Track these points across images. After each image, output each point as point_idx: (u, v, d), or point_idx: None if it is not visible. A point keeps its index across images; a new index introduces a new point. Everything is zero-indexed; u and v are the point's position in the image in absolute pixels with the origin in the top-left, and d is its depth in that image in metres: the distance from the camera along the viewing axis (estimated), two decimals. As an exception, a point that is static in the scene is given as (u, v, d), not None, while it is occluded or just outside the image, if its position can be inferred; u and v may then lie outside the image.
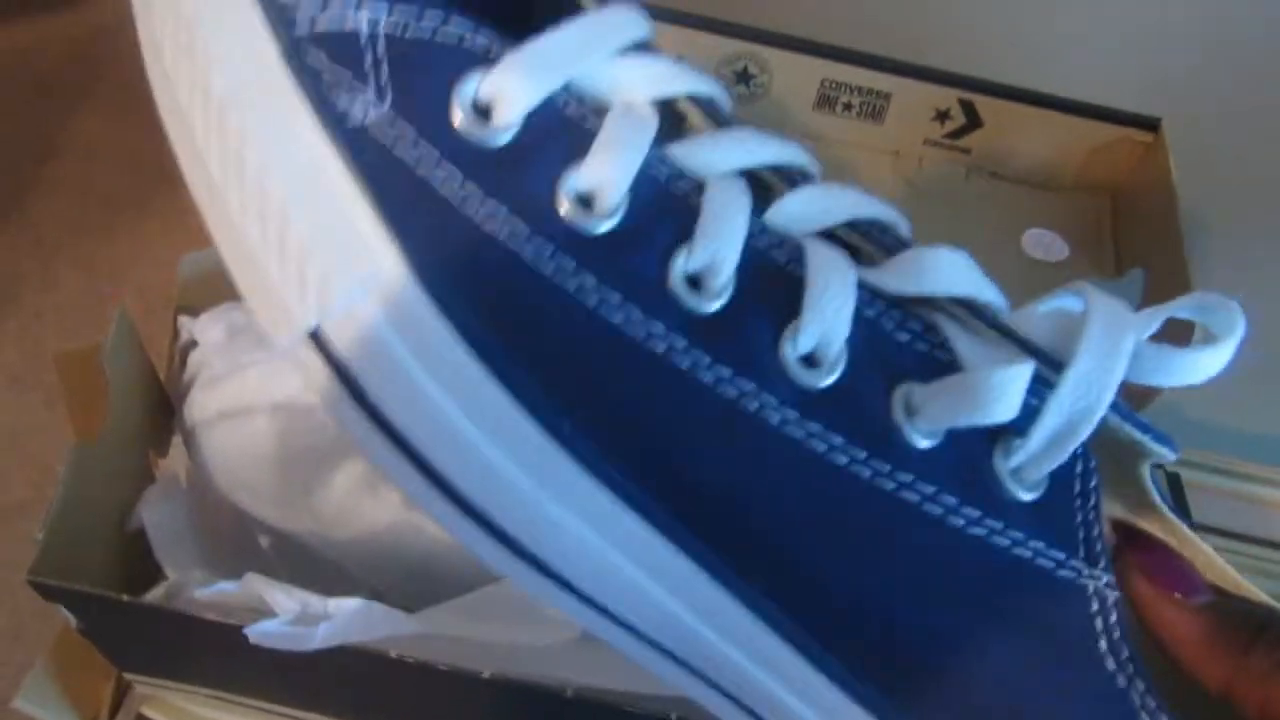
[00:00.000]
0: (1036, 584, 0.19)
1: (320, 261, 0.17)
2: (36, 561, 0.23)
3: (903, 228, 0.20)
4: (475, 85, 0.18)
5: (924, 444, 0.19)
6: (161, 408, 0.30)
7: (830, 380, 0.18)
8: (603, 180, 0.18)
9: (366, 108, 0.17)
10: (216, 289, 0.31)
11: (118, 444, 0.27)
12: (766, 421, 0.18)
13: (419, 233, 0.17)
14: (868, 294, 0.19)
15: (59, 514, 0.24)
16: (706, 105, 0.21)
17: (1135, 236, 0.36)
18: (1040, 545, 0.19)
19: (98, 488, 0.26)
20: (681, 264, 0.18)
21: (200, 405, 0.29)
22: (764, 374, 0.18)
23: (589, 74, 0.19)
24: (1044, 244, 0.36)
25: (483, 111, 0.18)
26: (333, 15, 0.17)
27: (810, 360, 0.18)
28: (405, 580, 0.30)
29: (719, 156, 0.19)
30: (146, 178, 0.78)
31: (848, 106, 0.36)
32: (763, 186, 0.20)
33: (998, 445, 0.19)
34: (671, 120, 0.21)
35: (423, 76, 0.18)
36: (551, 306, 0.18)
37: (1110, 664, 0.19)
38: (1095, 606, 0.19)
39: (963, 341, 0.19)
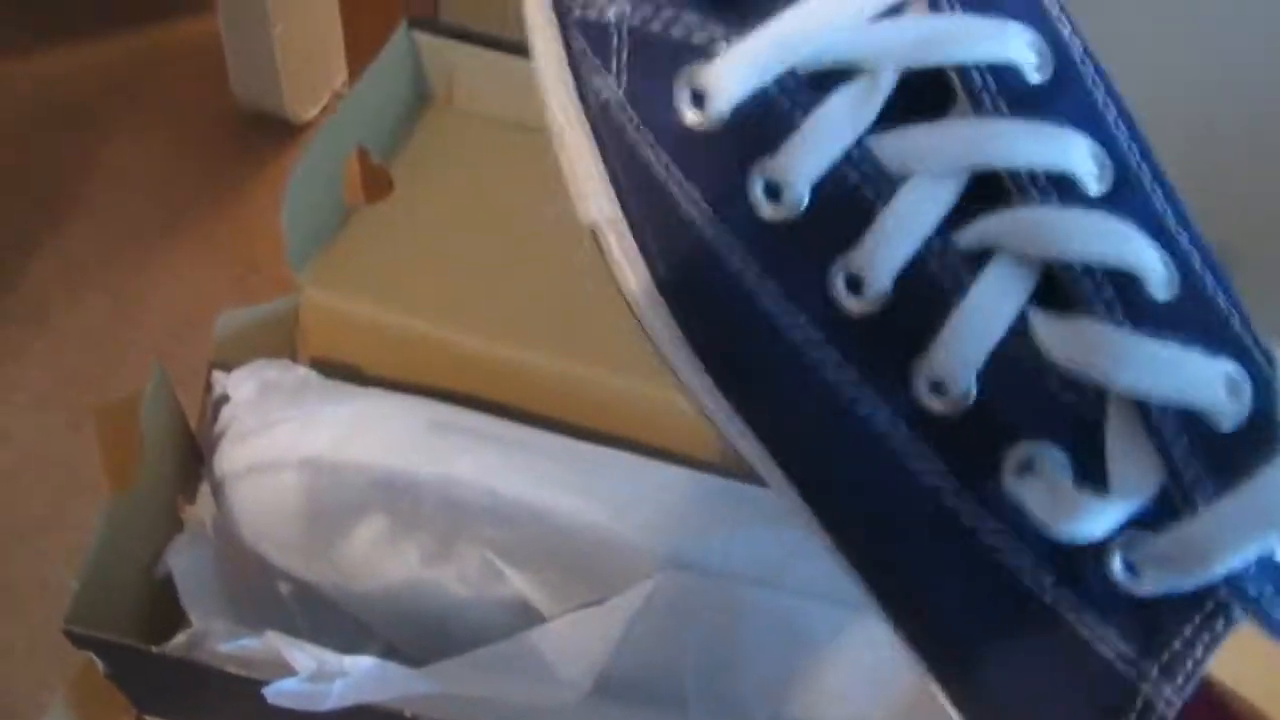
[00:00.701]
0: (1083, 662, 0.17)
1: (575, 187, 0.21)
2: (71, 611, 0.24)
3: (1155, 286, 0.18)
4: (693, 77, 0.19)
5: (1019, 498, 0.18)
6: (192, 457, 0.31)
7: (950, 411, 0.18)
8: (787, 175, 0.18)
9: (608, 89, 0.20)
10: (250, 346, 0.32)
11: (149, 492, 0.28)
12: (876, 430, 0.19)
13: (633, 201, 0.20)
14: (1031, 344, 0.18)
15: (93, 564, 0.25)
16: (979, 79, 0.19)
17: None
18: (1111, 633, 0.17)
19: (129, 535, 0.28)
20: (841, 269, 0.18)
21: (230, 458, 0.30)
22: (889, 388, 0.18)
23: (823, 51, 0.19)
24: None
25: (699, 100, 0.19)
26: (592, 6, 0.20)
27: (938, 387, 0.18)
28: (420, 634, 0.31)
29: (930, 150, 0.18)
30: (175, 204, 0.80)
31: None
32: (1002, 190, 0.18)
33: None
34: (933, 96, 0.19)
35: (652, 65, 0.20)
36: (719, 281, 0.19)
37: None
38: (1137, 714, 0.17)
39: (1119, 436, 0.17)
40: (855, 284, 0.18)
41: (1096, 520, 0.17)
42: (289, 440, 0.30)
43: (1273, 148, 0.44)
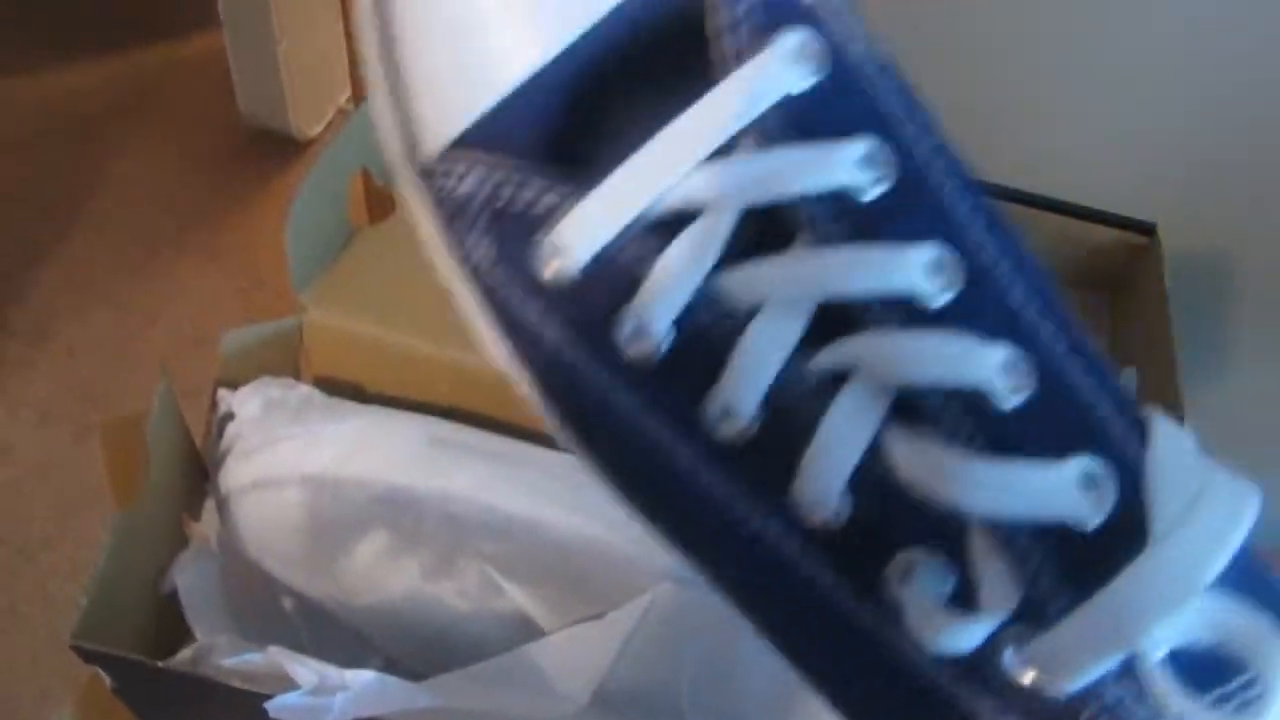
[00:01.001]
0: None
1: (476, 337, 0.22)
2: (78, 626, 0.25)
3: (1002, 396, 0.18)
4: (547, 239, 0.20)
5: (901, 607, 0.18)
6: (197, 474, 0.32)
7: (829, 526, 0.18)
8: (645, 320, 0.19)
9: (476, 253, 0.21)
10: (256, 364, 0.32)
11: (155, 509, 0.29)
12: (768, 542, 0.19)
13: (522, 354, 0.21)
14: (891, 469, 0.18)
15: (100, 580, 0.26)
16: (814, 209, 0.18)
17: (1129, 336, 0.37)
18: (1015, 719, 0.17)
19: (136, 552, 0.28)
20: (709, 402, 0.19)
21: (234, 475, 0.31)
22: (771, 506, 0.19)
23: (660, 198, 0.19)
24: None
25: (556, 260, 0.20)
26: (450, 179, 0.21)
27: (812, 506, 0.19)
28: (420, 648, 0.31)
29: (775, 285, 0.19)
30: (181, 218, 0.80)
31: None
32: (849, 315, 0.19)
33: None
34: (780, 226, 0.19)
35: (510, 231, 0.20)
36: (609, 422, 0.20)
37: None
38: None
39: (980, 554, 0.17)
40: (724, 415, 0.19)
41: (964, 636, 0.17)
42: (292, 457, 0.30)
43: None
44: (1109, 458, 0.17)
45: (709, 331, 0.19)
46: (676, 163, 0.19)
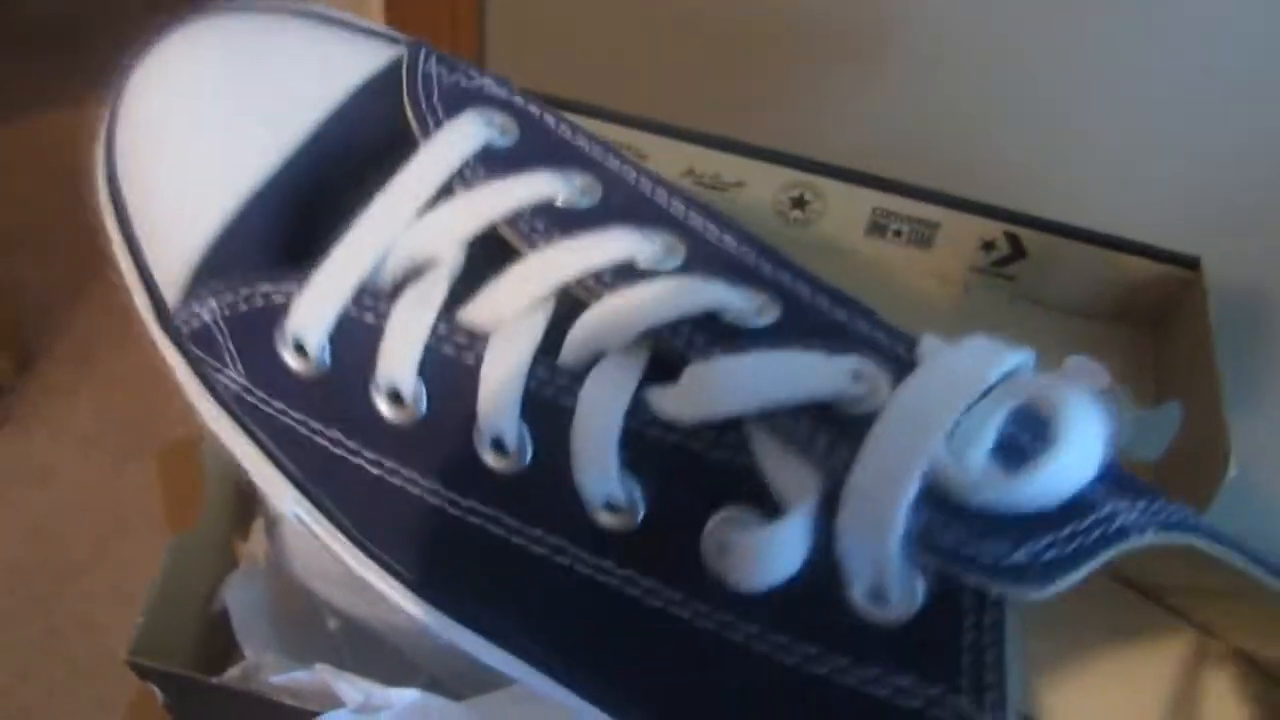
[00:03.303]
0: (875, 715, 0.16)
1: (262, 489, 0.22)
2: (135, 643, 0.25)
3: (746, 316, 0.19)
4: (285, 329, 0.20)
5: (724, 577, 0.17)
6: (247, 495, 0.32)
7: (629, 524, 0.18)
8: (395, 376, 0.19)
9: (231, 382, 0.21)
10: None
11: (208, 530, 0.30)
12: (577, 571, 0.19)
13: (298, 467, 0.21)
14: (661, 423, 0.18)
15: (156, 599, 0.26)
16: (528, 223, 0.20)
17: (1173, 369, 0.37)
18: (907, 681, 0.16)
19: (188, 572, 0.29)
20: (480, 437, 0.19)
21: (283, 496, 0.31)
22: (568, 526, 0.18)
23: (382, 257, 0.19)
24: (1086, 372, 0.37)
25: (300, 348, 0.20)
26: (190, 315, 0.21)
27: (611, 507, 0.18)
28: (462, 669, 0.31)
29: (505, 298, 0.19)
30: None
31: (897, 233, 0.38)
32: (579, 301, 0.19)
33: None
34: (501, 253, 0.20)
35: (255, 339, 0.20)
36: (385, 495, 0.20)
37: None
38: None
39: (770, 459, 0.17)
40: (499, 445, 0.19)
41: (785, 549, 0.16)
42: (341, 479, 0.30)
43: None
44: (876, 359, 0.18)
45: (458, 366, 0.19)
46: (389, 224, 0.20)
